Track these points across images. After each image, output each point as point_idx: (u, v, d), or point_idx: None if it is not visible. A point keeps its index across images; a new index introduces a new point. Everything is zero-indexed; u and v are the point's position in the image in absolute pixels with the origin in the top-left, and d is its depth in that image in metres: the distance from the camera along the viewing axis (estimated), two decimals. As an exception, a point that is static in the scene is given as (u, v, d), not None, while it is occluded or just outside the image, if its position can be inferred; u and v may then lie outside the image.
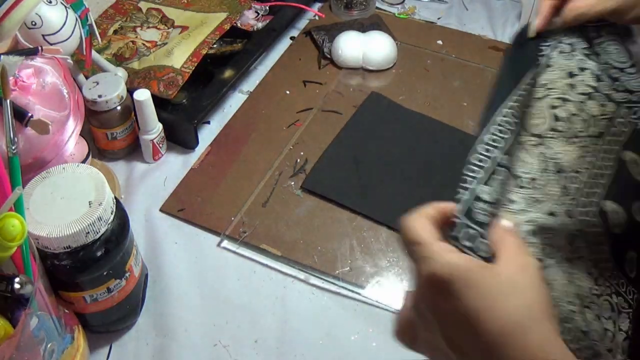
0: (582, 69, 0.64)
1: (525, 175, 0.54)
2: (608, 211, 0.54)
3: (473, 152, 0.55)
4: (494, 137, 0.57)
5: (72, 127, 0.68)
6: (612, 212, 0.54)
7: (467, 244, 0.48)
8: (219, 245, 0.72)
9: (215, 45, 0.88)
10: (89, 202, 0.56)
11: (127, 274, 0.61)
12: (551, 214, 0.53)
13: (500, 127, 0.58)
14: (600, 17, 0.62)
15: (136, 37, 0.91)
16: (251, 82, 0.91)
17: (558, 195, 0.54)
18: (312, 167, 0.79)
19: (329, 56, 0.93)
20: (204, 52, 0.86)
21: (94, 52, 0.80)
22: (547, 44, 0.67)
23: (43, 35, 0.72)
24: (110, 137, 0.79)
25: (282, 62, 0.94)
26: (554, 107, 0.61)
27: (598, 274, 0.51)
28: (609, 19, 0.62)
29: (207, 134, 0.84)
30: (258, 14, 0.96)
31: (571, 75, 0.63)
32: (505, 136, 0.58)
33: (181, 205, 0.76)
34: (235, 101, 0.89)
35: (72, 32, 0.74)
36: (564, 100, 0.61)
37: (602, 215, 0.53)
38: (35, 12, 0.70)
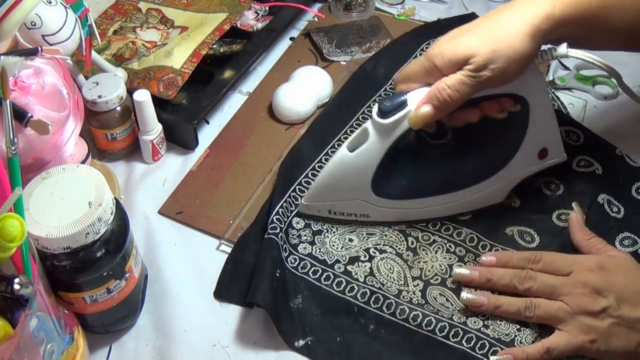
0: None
1: None
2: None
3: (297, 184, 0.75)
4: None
5: (72, 128, 0.68)
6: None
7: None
8: (217, 248, 0.72)
9: (215, 46, 0.88)
10: (89, 202, 0.56)
11: (127, 275, 0.61)
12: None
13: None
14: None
15: (136, 37, 0.91)
16: (251, 83, 0.91)
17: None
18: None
19: (328, 58, 0.93)
20: (203, 52, 0.86)
21: (93, 53, 0.80)
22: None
23: (43, 36, 0.72)
24: (110, 137, 0.79)
25: (282, 63, 0.94)
26: None
27: None
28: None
29: (207, 135, 0.84)
30: (258, 14, 0.96)
31: None
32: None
33: (179, 208, 0.76)
34: (235, 102, 0.89)
35: (72, 33, 0.74)
36: None
37: None
38: (35, 12, 0.70)
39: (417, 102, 0.64)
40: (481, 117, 0.67)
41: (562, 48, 0.65)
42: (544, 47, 0.65)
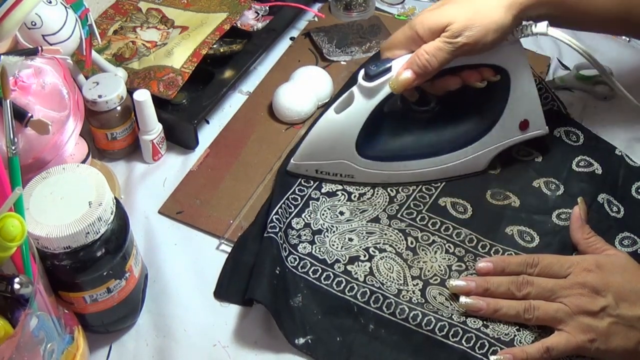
0: None
1: (356, 192, 0.75)
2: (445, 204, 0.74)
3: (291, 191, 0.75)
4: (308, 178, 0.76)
5: (72, 128, 0.68)
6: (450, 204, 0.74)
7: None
8: (217, 248, 0.72)
9: (215, 46, 0.88)
10: (89, 202, 0.56)
11: (127, 274, 0.61)
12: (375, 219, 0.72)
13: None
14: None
15: (136, 37, 0.91)
16: (251, 83, 0.91)
17: (385, 205, 0.74)
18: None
19: (328, 57, 0.93)
20: (204, 52, 0.86)
21: (93, 53, 0.80)
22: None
23: (43, 36, 0.72)
24: (110, 137, 0.79)
25: (282, 63, 0.94)
26: None
27: None
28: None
29: (207, 135, 0.84)
30: (258, 14, 0.96)
31: None
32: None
33: (180, 208, 0.76)
34: (235, 101, 0.89)
35: (72, 33, 0.74)
36: None
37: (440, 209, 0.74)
38: (35, 12, 0.70)
39: (400, 68, 0.68)
40: (461, 86, 0.71)
41: (542, 26, 0.68)
42: (525, 22, 0.68)
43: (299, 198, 0.74)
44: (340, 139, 0.72)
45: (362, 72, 0.69)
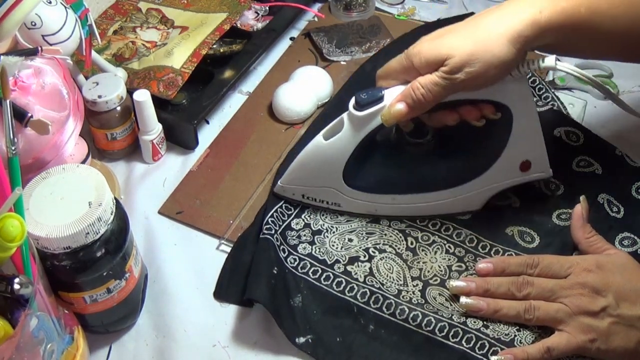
0: None
1: None
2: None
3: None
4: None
5: (72, 128, 0.68)
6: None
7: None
8: (217, 248, 0.72)
9: (215, 46, 0.88)
10: (89, 202, 0.56)
11: (126, 275, 0.61)
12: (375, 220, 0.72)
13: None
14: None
15: (136, 37, 0.91)
16: (251, 83, 0.91)
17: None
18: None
19: (328, 58, 0.93)
20: (203, 52, 0.86)
21: (93, 53, 0.80)
22: None
23: (43, 36, 0.72)
24: (110, 137, 0.79)
25: (282, 63, 0.94)
26: None
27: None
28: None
29: (207, 135, 0.84)
30: (258, 14, 0.96)
31: None
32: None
33: (179, 208, 0.76)
34: (235, 102, 0.89)
35: (72, 33, 0.74)
36: None
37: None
38: (35, 12, 0.70)
39: (393, 99, 0.64)
40: (460, 121, 0.67)
41: (551, 60, 0.63)
42: (532, 55, 0.64)
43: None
44: (327, 165, 0.69)
45: (353, 99, 0.65)
